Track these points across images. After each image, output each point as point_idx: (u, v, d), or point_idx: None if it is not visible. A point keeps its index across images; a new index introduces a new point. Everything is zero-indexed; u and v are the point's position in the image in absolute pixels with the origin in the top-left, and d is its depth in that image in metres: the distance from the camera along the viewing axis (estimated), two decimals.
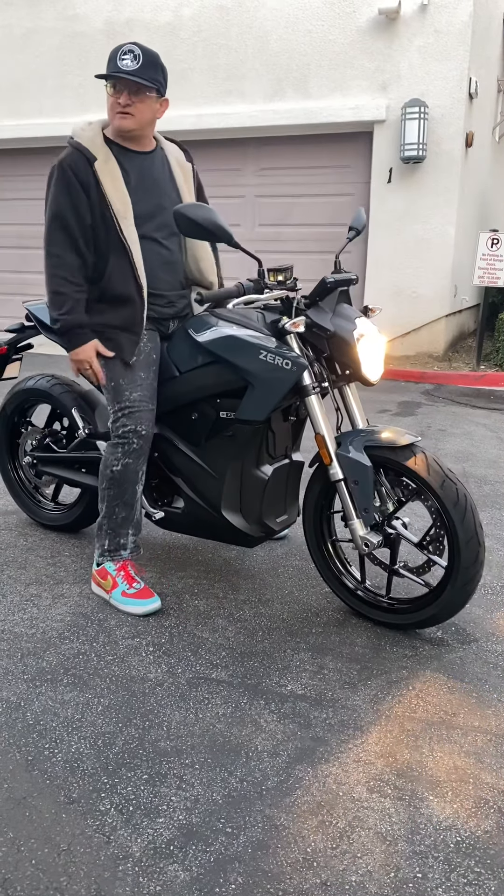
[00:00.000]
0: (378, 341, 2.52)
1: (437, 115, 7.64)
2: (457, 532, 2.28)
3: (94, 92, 9.03)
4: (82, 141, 2.53)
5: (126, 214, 2.51)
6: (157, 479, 2.85)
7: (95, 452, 2.99)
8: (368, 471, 2.36)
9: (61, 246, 2.50)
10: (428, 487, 2.31)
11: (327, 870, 1.55)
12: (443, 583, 2.36)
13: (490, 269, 7.53)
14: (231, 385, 2.51)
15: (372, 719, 2.05)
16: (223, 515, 2.62)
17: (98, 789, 1.76)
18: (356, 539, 2.44)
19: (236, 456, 2.57)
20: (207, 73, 8.42)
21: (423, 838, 1.64)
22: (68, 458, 3.12)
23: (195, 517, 2.71)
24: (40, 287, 11.61)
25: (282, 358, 2.37)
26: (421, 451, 2.39)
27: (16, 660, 2.30)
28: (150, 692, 2.15)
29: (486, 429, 5.52)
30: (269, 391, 2.40)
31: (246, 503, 2.64)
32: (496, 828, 1.67)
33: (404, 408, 6.22)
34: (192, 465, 2.67)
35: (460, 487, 2.32)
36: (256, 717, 2.05)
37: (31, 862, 1.55)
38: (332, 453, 2.44)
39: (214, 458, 2.61)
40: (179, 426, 2.69)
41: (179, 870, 1.54)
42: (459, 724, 2.04)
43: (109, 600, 2.66)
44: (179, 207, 2.31)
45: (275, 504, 2.73)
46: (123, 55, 2.43)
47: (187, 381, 2.61)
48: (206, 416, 2.61)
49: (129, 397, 2.57)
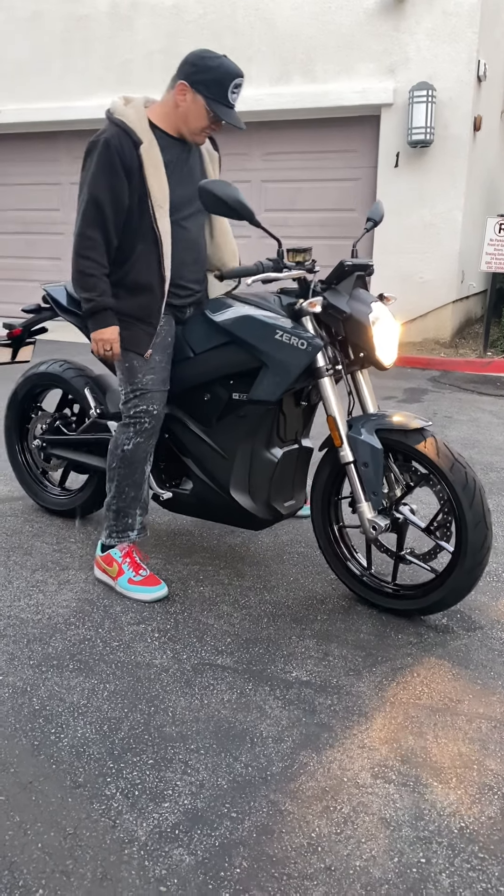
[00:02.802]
0: (393, 326, 2.54)
1: (444, 99, 7.56)
2: (465, 515, 2.28)
3: (98, 75, 8.97)
4: (127, 121, 2.44)
5: (163, 204, 2.48)
6: (166, 461, 2.87)
7: (105, 434, 3.01)
8: (379, 453, 2.38)
9: (94, 227, 2.46)
10: (437, 471, 2.33)
11: (331, 854, 1.56)
12: (450, 567, 2.37)
13: (498, 254, 7.47)
14: (245, 366, 2.53)
15: (376, 706, 2.05)
16: (231, 496, 2.63)
17: (104, 774, 1.77)
18: (364, 522, 2.44)
19: (247, 437, 2.60)
20: None
21: (427, 824, 1.65)
22: (78, 440, 3.13)
23: (203, 498, 2.73)
24: (45, 273, 11.56)
25: (297, 338, 2.40)
26: (431, 435, 2.40)
27: (22, 645, 2.31)
28: (155, 678, 2.16)
29: (492, 415, 5.50)
30: (284, 371, 2.43)
31: (254, 484, 2.66)
32: (500, 814, 1.68)
33: (411, 394, 6.20)
34: (202, 446, 2.69)
35: (469, 471, 2.34)
36: (261, 703, 2.05)
37: (38, 845, 1.56)
38: (343, 435, 2.45)
39: (225, 439, 2.63)
40: (191, 407, 2.72)
41: (185, 854, 1.55)
42: (464, 710, 2.04)
43: (115, 587, 2.67)
44: (205, 183, 2.32)
45: (283, 488, 2.74)
46: (234, 89, 2.42)
47: (202, 362, 2.63)
48: (218, 397, 2.63)
49: (141, 380, 2.59)
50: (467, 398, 6.13)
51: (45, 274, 9.94)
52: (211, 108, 2.42)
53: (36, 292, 9.99)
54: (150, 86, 8.66)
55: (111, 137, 2.41)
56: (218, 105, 2.42)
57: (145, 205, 2.46)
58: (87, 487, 3.22)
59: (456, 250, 7.92)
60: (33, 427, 3.34)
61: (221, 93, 2.41)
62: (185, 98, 2.43)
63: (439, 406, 5.75)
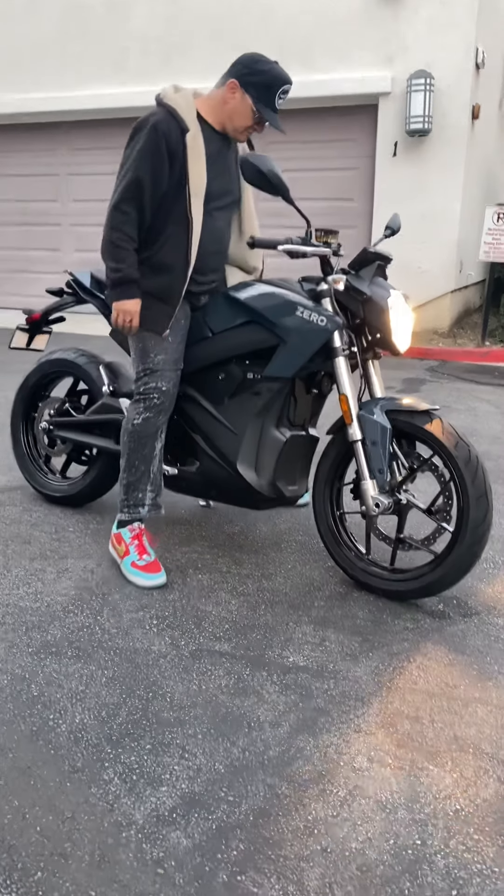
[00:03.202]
0: (408, 315, 2.64)
1: (443, 87, 7.53)
2: (467, 490, 2.34)
3: (95, 63, 8.92)
4: (177, 108, 2.54)
5: (199, 193, 2.57)
6: (175, 440, 2.92)
7: (115, 415, 3.05)
8: (387, 432, 2.44)
9: (131, 204, 2.53)
10: (442, 448, 2.39)
11: (328, 837, 1.57)
12: (450, 545, 2.41)
13: (496, 243, 7.46)
14: (263, 344, 2.62)
15: (373, 690, 2.07)
16: (238, 471, 2.69)
17: (102, 759, 1.78)
18: (367, 500, 2.49)
19: (258, 414, 2.67)
20: (210, 45, 8.30)
21: (423, 806, 1.66)
22: (87, 421, 3.16)
23: (210, 475, 2.79)
24: (45, 264, 11.57)
25: (317, 315, 2.50)
26: (437, 417, 2.48)
27: (21, 633, 2.32)
28: (153, 664, 2.17)
29: (490, 405, 5.51)
30: (302, 346, 2.52)
31: (261, 461, 2.72)
32: (495, 796, 1.69)
33: (409, 384, 6.21)
34: (213, 422, 2.75)
35: (472, 449, 2.42)
36: (259, 688, 2.06)
37: (36, 829, 1.57)
38: (353, 413, 2.52)
39: (236, 416, 2.71)
40: (205, 385, 2.79)
41: (182, 837, 1.56)
42: (460, 695, 2.06)
43: (120, 566, 2.72)
44: (248, 156, 2.45)
45: (288, 471, 2.78)
46: (282, 94, 2.54)
47: (220, 341, 2.72)
48: (232, 377, 2.72)
49: (153, 359, 2.66)
50: (465, 388, 6.14)
51: (44, 265, 9.92)
52: (257, 109, 2.54)
53: (34, 284, 9.98)
54: (147, 74, 8.64)
55: (160, 121, 2.51)
56: (264, 107, 2.54)
57: (182, 190, 2.55)
58: (88, 475, 3.23)
59: (454, 240, 7.91)
60: (40, 413, 3.37)
61: (269, 96, 2.54)
62: (234, 96, 2.56)
63: (437, 396, 5.76)
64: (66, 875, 1.46)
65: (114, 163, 10.70)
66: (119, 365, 3.23)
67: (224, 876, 1.47)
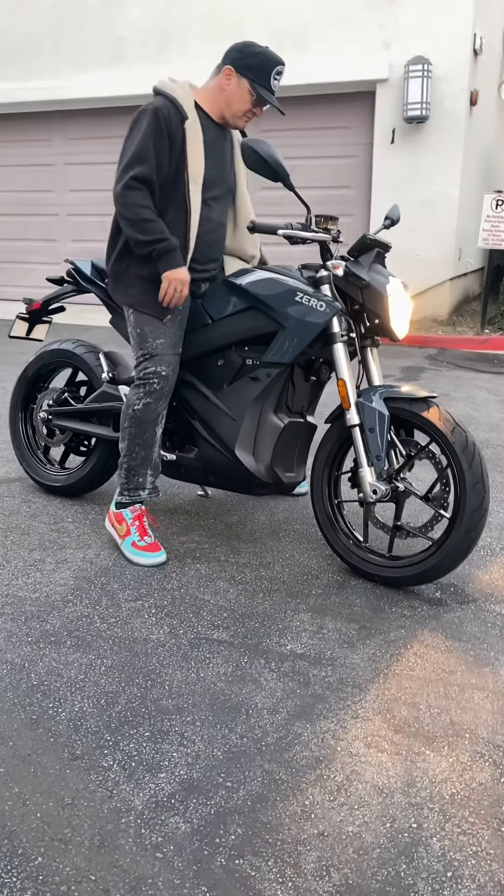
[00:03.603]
0: (407, 302, 2.67)
1: (440, 73, 7.49)
2: (465, 476, 2.36)
3: (90, 53, 8.87)
4: (176, 96, 2.58)
5: (197, 179, 2.60)
6: (173, 426, 2.96)
7: (114, 403, 3.07)
8: (385, 419, 2.46)
9: (140, 180, 2.54)
10: (439, 434, 2.41)
11: (325, 821, 1.59)
12: (447, 530, 2.43)
13: (495, 230, 7.44)
14: (262, 330, 2.64)
15: (370, 677, 2.08)
16: (237, 456, 2.71)
17: (101, 746, 1.80)
18: (365, 486, 2.51)
19: (256, 400, 2.69)
20: (205, 32, 8.26)
21: (419, 790, 1.67)
22: (86, 409, 3.18)
23: (208, 461, 2.81)
24: (40, 255, 11.50)
25: (316, 300, 2.52)
26: (435, 404, 2.50)
27: (20, 623, 2.33)
28: (152, 653, 2.18)
29: (489, 393, 5.51)
30: (301, 332, 2.54)
31: (259, 447, 2.74)
32: (490, 780, 1.71)
33: (408, 373, 6.20)
34: (212, 408, 2.77)
35: (470, 436, 2.44)
36: (257, 675, 2.08)
37: (37, 815, 1.59)
38: (351, 398, 2.54)
39: (235, 402, 2.73)
40: (204, 371, 2.81)
41: (180, 822, 1.58)
42: (456, 681, 2.07)
43: (119, 546, 2.77)
44: (247, 140, 2.46)
45: (286, 457, 2.81)
46: (276, 76, 2.59)
47: (220, 328, 2.74)
48: (231, 363, 2.75)
49: (153, 344, 2.68)
50: (464, 376, 6.14)
51: (40, 256, 9.90)
52: (254, 91, 2.58)
53: (30, 274, 9.96)
54: (143, 63, 8.60)
55: (160, 107, 2.55)
56: (261, 88, 2.58)
57: (181, 177, 2.59)
58: (86, 465, 3.24)
59: (453, 227, 7.89)
60: (39, 403, 3.38)
61: (265, 77, 2.58)
62: (230, 82, 2.60)
63: (436, 384, 5.76)
64: (66, 860, 1.48)
65: (109, 152, 10.76)
66: (119, 354, 3.25)
67: (222, 860, 1.49)
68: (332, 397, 2.97)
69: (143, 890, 1.42)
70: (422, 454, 2.53)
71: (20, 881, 1.43)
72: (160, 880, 1.44)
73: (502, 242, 7.44)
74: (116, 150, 2.66)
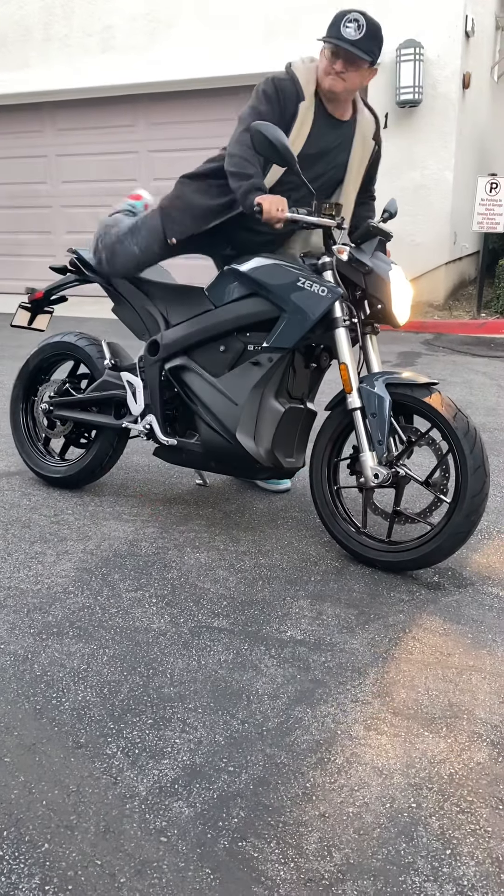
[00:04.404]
0: (408, 289, 2.70)
1: (432, 56, 7.45)
2: (466, 460, 2.39)
3: (80, 41, 8.82)
4: (300, 77, 2.63)
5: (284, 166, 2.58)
6: (175, 413, 2.99)
7: (115, 391, 3.11)
8: (386, 403, 2.48)
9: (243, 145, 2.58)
10: (441, 419, 2.44)
11: (325, 802, 1.61)
12: (448, 515, 2.45)
13: (489, 214, 7.43)
14: (264, 316, 2.67)
15: (369, 661, 2.11)
16: (238, 440, 2.73)
17: (105, 734, 1.82)
18: (366, 471, 2.53)
19: (258, 385, 2.71)
20: (196, 19, 8.21)
21: (418, 771, 1.70)
22: (87, 398, 3.21)
23: (209, 445, 2.83)
24: (36, 247, 11.43)
25: (318, 285, 2.56)
26: (437, 390, 2.53)
27: (22, 615, 2.36)
28: (153, 642, 2.21)
29: (485, 377, 5.52)
30: (303, 316, 2.57)
31: (260, 431, 2.76)
32: (489, 759, 1.73)
33: (404, 358, 6.21)
34: (213, 393, 2.80)
35: (471, 421, 2.47)
36: (257, 662, 2.11)
37: (42, 803, 1.62)
38: (353, 382, 2.56)
39: (236, 387, 2.75)
40: (205, 357, 2.85)
41: (184, 806, 1.61)
42: (455, 664, 2.10)
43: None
44: (257, 124, 2.46)
45: (286, 442, 2.83)
46: (348, 23, 2.52)
47: (222, 314, 2.77)
48: (233, 348, 2.78)
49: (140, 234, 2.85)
50: (461, 360, 6.14)
51: (35, 248, 9.88)
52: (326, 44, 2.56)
53: (25, 267, 9.94)
54: (133, 50, 8.54)
55: (281, 80, 2.64)
56: (331, 38, 2.53)
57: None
58: (87, 456, 3.26)
59: (447, 211, 7.87)
60: (40, 395, 3.40)
61: (335, 28, 2.54)
62: (321, 54, 2.63)
63: (433, 369, 5.77)
64: (72, 846, 1.51)
65: (101, 142, 10.67)
66: (120, 346, 3.28)
67: (225, 842, 1.51)
68: (330, 385, 2.99)
69: (148, 873, 1.45)
70: (422, 440, 2.55)
71: (27, 867, 1.46)
72: (165, 863, 1.47)
73: (497, 226, 7.42)
74: (108, 140, 2.68)
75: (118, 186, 9.22)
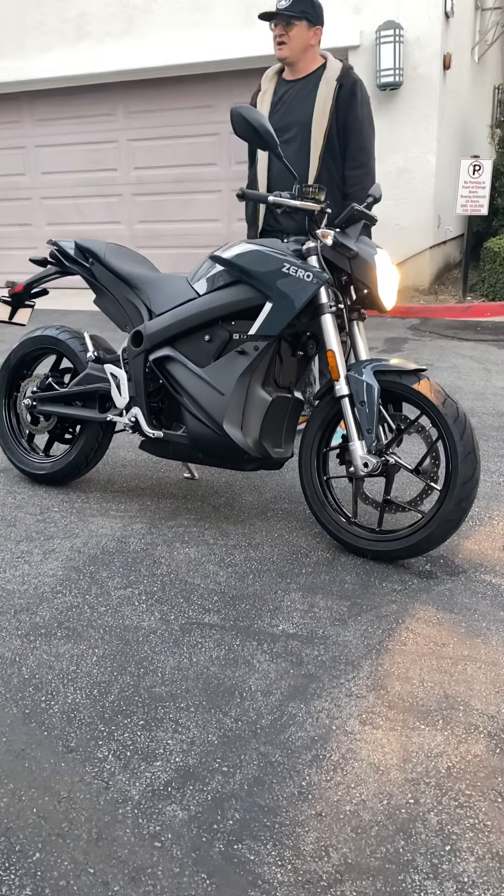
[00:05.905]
0: (394, 273, 2.67)
1: (412, 38, 7.38)
2: (456, 447, 2.36)
3: (55, 29, 8.68)
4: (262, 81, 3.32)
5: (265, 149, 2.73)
6: (160, 405, 2.95)
7: (98, 384, 3.06)
8: (375, 391, 2.45)
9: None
10: (430, 406, 2.41)
11: (322, 801, 1.58)
12: (439, 501, 2.43)
13: (473, 196, 7.38)
14: (249, 304, 2.63)
15: (363, 654, 2.08)
16: (224, 431, 2.69)
17: (95, 737, 1.79)
18: (356, 460, 2.51)
19: (244, 374, 2.66)
20: (172, 5, 8.09)
21: (415, 766, 1.68)
22: (71, 392, 3.16)
23: (196, 436, 2.79)
24: (17, 239, 11.31)
25: (304, 271, 2.52)
26: (426, 377, 2.50)
27: (9, 616, 2.31)
28: (143, 640, 2.17)
29: (472, 361, 5.49)
30: (288, 303, 2.53)
31: (247, 421, 2.72)
32: (486, 751, 1.71)
33: (391, 344, 6.17)
34: (199, 384, 2.75)
35: (460, 407, 2.44)
36: (249, 657, 2.07)
37: (33, 810, 1.58)
38: (341, 370, 2.53)
39: (222, 376, 2.71)
40: (190, 347, 2.80)
41: (178, 809, 1.57)
42: (449, 654, 2.07)
43: None
44: (237, 107, 2.51)
45: (274, 432, 2.80)
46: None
47: (206, 302, 2.73)
48: (218, 338, 2.73)
49: None
50: (448, 345, 6.11)
51: (16, 241, 9.75)
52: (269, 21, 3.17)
53: (6, 260, 9.82)
54: (109, 37, 8.41)
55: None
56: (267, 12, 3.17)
57: None
58: (72, 452, 3.21)
59: (431, 195, 7.82)
60: (23, 390, 3.35)
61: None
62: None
63: (420, 354, 5.74)
64: (64, 854, 1.47)
65: (80, 132, 10.55)
66: (102, 339, 3.23)
67: (221, 845, 1.48)
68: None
69: (142, 880, 1.41)
70: (411, 428, 2.51)
71: (18, 878, 1.42)
72: (159, 869, 1.43)
73: (481, 208, 7.38)
74: (87, 130, 2.63)
75: (99, 177, 9.12)
